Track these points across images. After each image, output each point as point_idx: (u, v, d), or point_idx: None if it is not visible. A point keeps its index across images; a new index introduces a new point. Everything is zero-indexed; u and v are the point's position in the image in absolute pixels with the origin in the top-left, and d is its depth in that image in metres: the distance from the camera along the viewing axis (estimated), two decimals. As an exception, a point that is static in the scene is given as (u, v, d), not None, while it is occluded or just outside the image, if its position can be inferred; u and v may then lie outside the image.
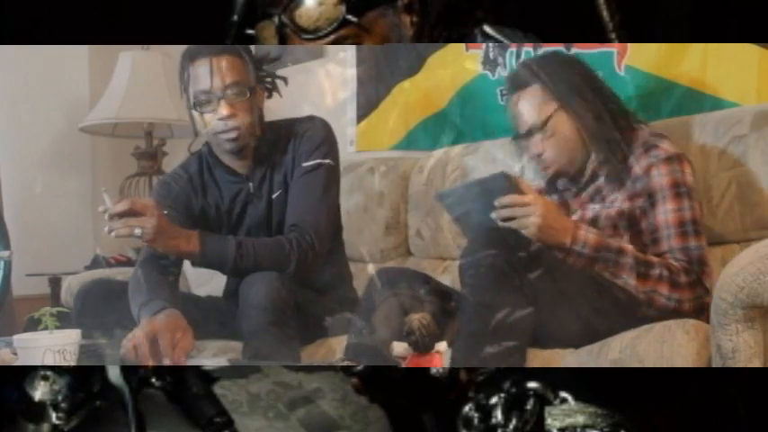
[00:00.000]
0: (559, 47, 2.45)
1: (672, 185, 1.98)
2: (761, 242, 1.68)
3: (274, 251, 2.23)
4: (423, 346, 1.66)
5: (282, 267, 2.20)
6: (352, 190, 3.03)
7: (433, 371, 1.38)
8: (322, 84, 3.56)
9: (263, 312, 2.09)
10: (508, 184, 1.89)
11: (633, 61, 2.56)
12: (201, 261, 2.23)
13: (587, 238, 1.93)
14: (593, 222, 2.05)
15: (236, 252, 2.21)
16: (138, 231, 2.08)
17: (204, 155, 2.46)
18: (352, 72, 3.45)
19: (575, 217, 2.09)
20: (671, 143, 2.05)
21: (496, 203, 1.89)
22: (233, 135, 2.31)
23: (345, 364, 1.73)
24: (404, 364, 1.67)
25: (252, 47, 2.37)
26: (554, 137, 2.09)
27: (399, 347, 1.68)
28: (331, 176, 2.37)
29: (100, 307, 2.32)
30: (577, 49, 2.58)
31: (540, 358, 1.83)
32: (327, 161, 2.35)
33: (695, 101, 2.42)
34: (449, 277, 2.48)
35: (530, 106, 2.10)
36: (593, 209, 2.09)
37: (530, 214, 1.88)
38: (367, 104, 3.39)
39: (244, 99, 2.30)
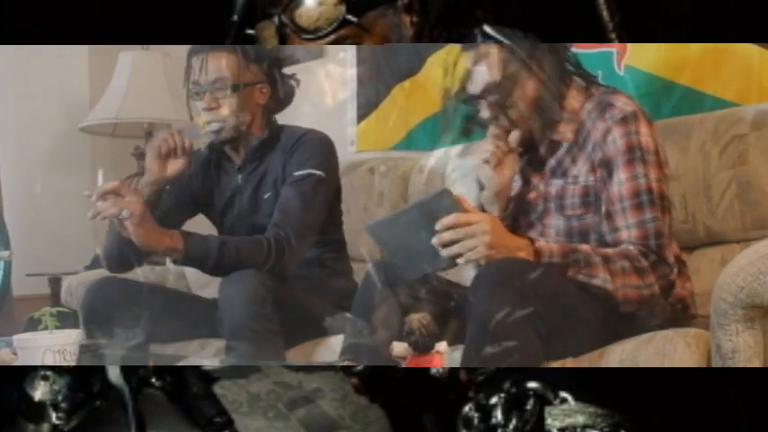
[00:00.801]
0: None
1: (626, 150, 1.86)
2: (761, 242, 1.68)
3: (254, 249, 2.25)
4: (423, 346, 1.66)
5: (260, 264, 2.23)
6: (353, 190, 3.02)
7: (433, 371, 1.38)
8: (322, 84, 3.55)
9: (243, 309, 2.11)
10: (449, 202, 1.70)
11: (633, 61, 2.56)
12: (184, 259, 2.24)
13: (551, 248, 1.82)
14: (559, 199, 1.96)
15: (217, 252, 2.22)
16: (125, 213, 2.11)
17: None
18: (352, 72, 3.45)
19: (535, 193, 2.01)
20: (627, 98, 1.93)
21: (438, 226, 1.72)
22: (215, 127, 2.40)
23: (345, 364, 1.73)
24: (404, 364, 1.67)
25: (269, 47, 2.42)
26: (511, 99, 1.93)
27: (399, 347, 1.68)
28: (320, 187, 2.38)
29: (109, 305, 2.34)
30: (577, 49, 2.58)
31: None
32: (318, 172, 2.37)
33: (695, 101, 2.42)
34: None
35: (487, 66, 1.93)
36: (556, 184, 1.98)
37: (476, 234, 1.74)
38: (367, 104, 3.39)
39: (229, 94, 2.37)
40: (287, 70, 2.53)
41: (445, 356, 1.68)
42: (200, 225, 2.62)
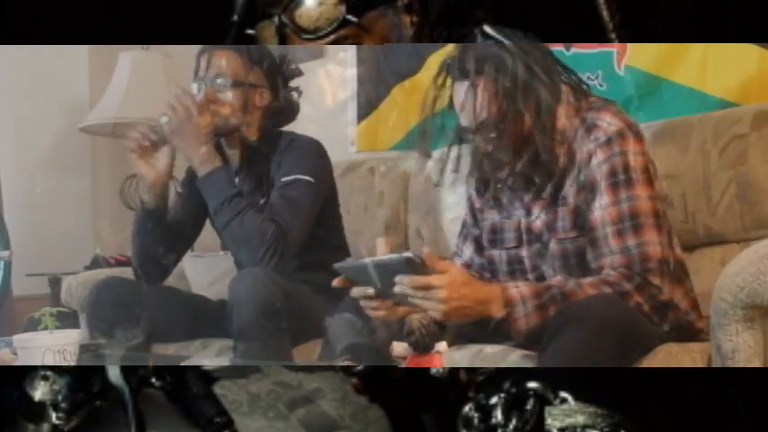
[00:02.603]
0: (559, 47, 2.45)
1: (608, 174, 1.78)
2: (761, 242, 1.68)
3: (259, 224, 2.28)
4: (423, 346, 1.66)
5: (257, 241, 2.26)
6: (353, 190, 3.03)
7: (433, 371, 1.37)
8: (322, 84, 3.56)
9: (253, 306, 2.12)
10: (410, 267, 1.63)
11: (633, 61, 2.56)
12: (205, 177, 2.33)
13: (523, 293, 1.71)
14: (552, 224, 1.88)
15: (230, 198, 2.29)
16: (164, 119, 2.28)
17: None
18: (352, 72, 3.45)
19: (537, 222, 1.91)
20: (614, 114, 1.84)
21: (396, 280, 1.64)
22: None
23: (345, 363, 1.73)
24: (404, 364, 1.68)
25: (277, 53, 2.47)
26: (505, 134, 1.83)
27: (399, 347, 1.68)
28: (308, 191, 2.38)
29: (113, 305, 2.36)
30: (577, 49, 2.58)
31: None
32: (306, 177, 2.38)
33: (695, 101, 2.42)
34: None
35: (479, 101, 1.82)
36: (553, 211, 1.88)
37: (431, 296, 1.64)
38: (367, 104, 3.39)
39: (228, 90, 2.40)
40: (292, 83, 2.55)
41: (445, 356, 1.68)
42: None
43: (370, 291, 1.69)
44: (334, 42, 1.47)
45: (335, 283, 1.74)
